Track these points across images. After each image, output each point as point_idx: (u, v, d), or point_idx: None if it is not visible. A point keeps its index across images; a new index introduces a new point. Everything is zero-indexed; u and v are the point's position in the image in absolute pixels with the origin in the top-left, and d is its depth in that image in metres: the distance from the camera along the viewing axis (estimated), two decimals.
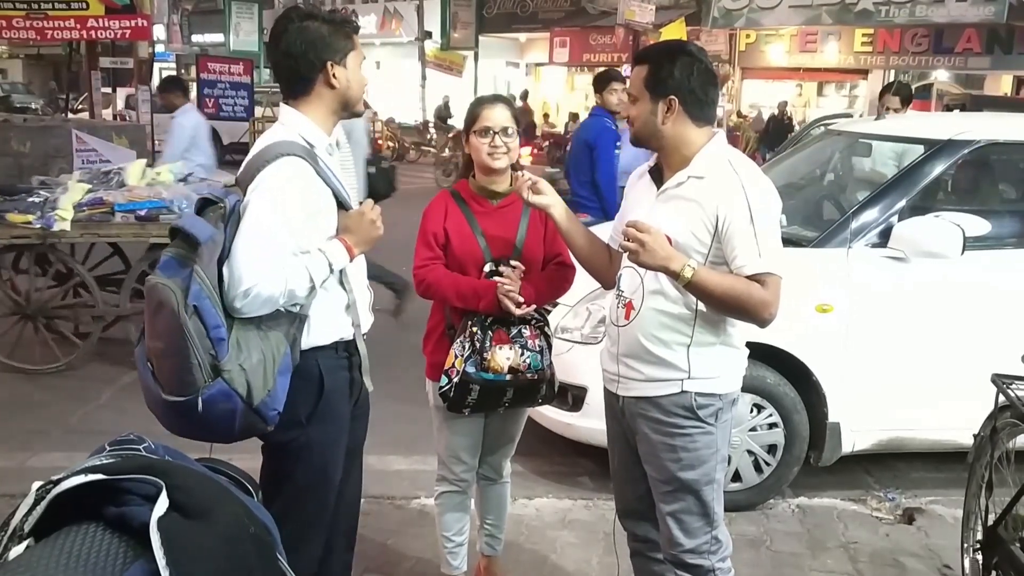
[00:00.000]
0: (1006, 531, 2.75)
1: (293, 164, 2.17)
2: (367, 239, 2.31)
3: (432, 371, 2.85)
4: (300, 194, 2.18)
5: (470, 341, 2.71)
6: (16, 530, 1.15)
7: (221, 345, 2.02)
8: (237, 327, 2.08)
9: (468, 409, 2.76)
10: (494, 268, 2.76)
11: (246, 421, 2.09)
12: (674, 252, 2.18)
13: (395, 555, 3.46)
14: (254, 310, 2.09)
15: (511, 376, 2.71)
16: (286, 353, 2.15)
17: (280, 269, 2.11)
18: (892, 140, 4.71)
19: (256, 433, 2.21)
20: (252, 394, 2.05)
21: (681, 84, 2.26)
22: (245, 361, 2.05)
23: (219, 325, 2.02)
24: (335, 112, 2.35)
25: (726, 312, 2.26)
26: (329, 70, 2.26)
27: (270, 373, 2.09)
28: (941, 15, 15.95)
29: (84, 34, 12.92)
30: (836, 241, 3.87)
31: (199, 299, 2.00)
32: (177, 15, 30.40)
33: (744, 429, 3.84)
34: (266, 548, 1.32)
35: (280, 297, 2.11)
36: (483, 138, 2.71)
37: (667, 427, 2.33)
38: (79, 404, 5.01)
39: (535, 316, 2.79)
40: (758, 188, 2.24)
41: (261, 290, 2.07)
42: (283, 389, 2.14)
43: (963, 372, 3.62)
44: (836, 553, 3.58)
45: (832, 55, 19.51)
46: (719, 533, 2.41)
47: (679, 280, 2.18)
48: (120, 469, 1.20)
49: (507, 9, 24.99)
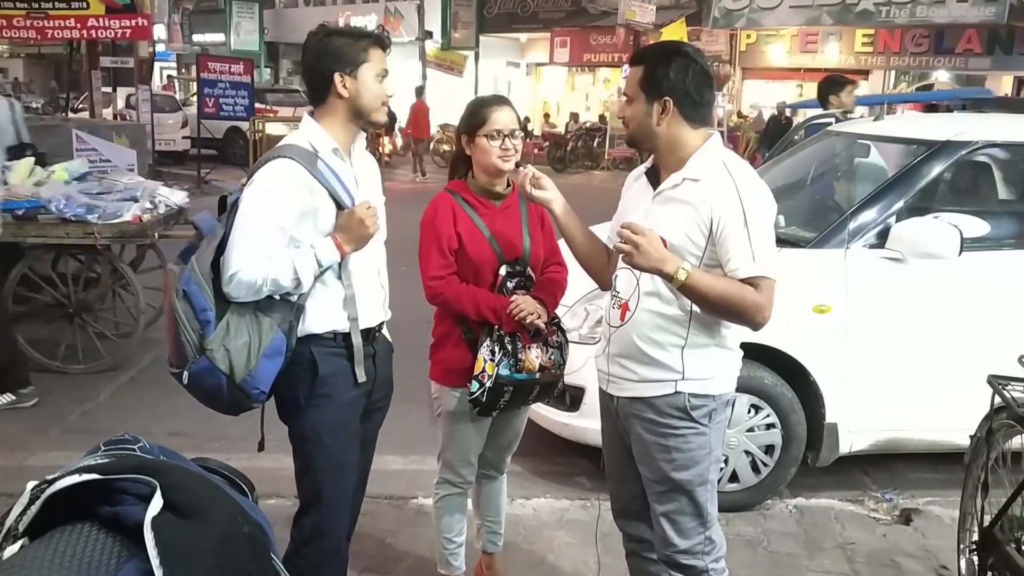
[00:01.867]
0: (1002, 532, 2.76)
1: (285, 165, 2.33)
2: (356, 237, 2.38)
3: (450, 377, 2.83)
4: (289, 192, 2.32)
5: (499, 344, 2.72)
6: (10, 530, 1.15)
7: (207, 327, 2.26)
8: (233, 311, 2.29)
9: (497, 411, 2.79)
10: (510, 270, 2.78)
11: (233, 396, 2.30)
12: (668, 254, 2.18)
13: (393, 554, 3.47)
14: (240, 295, 2.28)
15: (541, 374, 2.78)
16: (275, 338, 2.30)
17: (263, 258, 2.27)
18: (890, 141, 4.71)
19: (246, 408, 2.39)
20: (234, 372, 2.26)
21: (676, 85, 2.26)
22: (230, 342, 2.26)
23: (205, 308, 2.26)
24: (350, 120, 2.46)
25: (719, 315, 2.26)
26: (338, 81, 2.38)
27: (254, 355, 2.27)
28: (942, 16, 15.94)
29: (85, 33, 12.93)
30: (834, 242, 3.87)
31: (188, 284, 2.27)
32: (178, 14, 30.45)
33: (742, 430, 3.84)
34: (260, 548, 1.33)
35: (263, 284, 2.27)
36: (494, 141, 2.71)
37: (661, 428, 2.33)
38: (77, 404, 5.01)
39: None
40: (753, 191, 2.24)
41: (243, 276, 2.26)
42: (267, 371, 2.30)
43: (960, 373, 3.62)
44: (833, 553, 3.58)
45: (833, 55, 19.49)
46: (713, 534, 2.41)
47: (673, 283, 2.18)
48: (114, 469, 1.21)
49: (508, 9, 24.97)
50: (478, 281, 2.77)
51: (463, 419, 2.84)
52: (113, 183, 5.81)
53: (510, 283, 2.78)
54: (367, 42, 2.40)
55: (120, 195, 5.53)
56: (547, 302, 2.79)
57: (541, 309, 2.74)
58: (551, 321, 2.84)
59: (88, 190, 5.53)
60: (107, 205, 5.32)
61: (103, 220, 5.23)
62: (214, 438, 4.17)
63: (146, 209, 5.46)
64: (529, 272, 2.84)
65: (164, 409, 4.84)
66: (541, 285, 2.84)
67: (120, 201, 5.43)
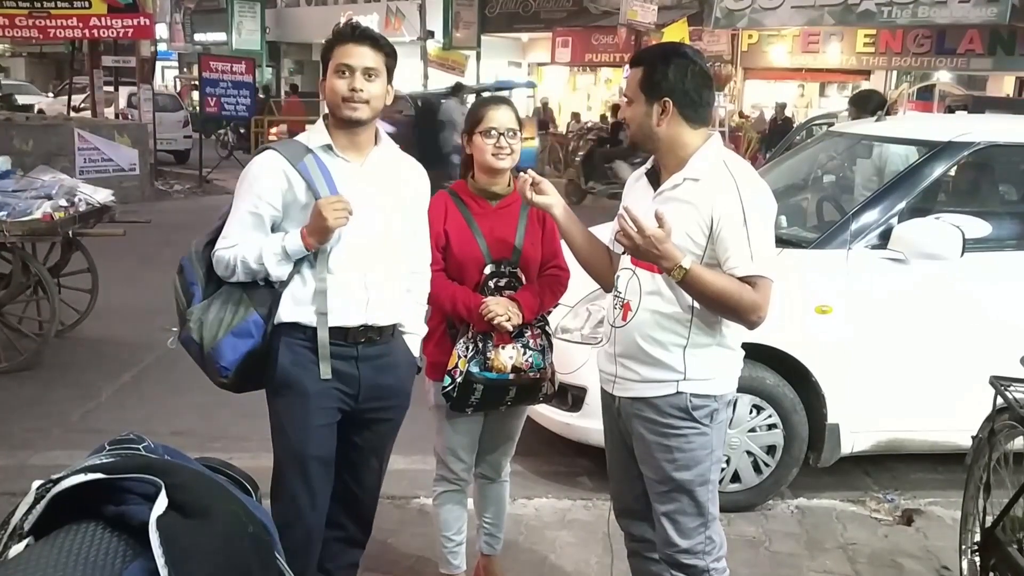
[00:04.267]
0: (1004, 533, 2.76)
1: (266, 155, 2.48)
2: (316, 228, 2.37)
3: (433, 371, 2.86)
4: (261, 180, 2.44)
5: (473, 341, 2.73)
6: (16, 529, 1.16)
7: (193, 300, 2.47)
8: (224, 290, 2.47)
9: (471, 408, 2.79)
10: (495, 270, 2.78)
11: (206, 366, 2.48)
12: (673, 248, 2.17)
13: (395, 554, 3.47)
14: (220, 272, 2.46)
15: (514, 375, 2.75)
16: (247, 319, 2.43)
17: (235, 239, 2.43)
18: (893, 142, 4.71)
19: (220, 382, 2.52)
20: (203, 343, 2.43)
21: (675, 86, 2.26)
22: (206, 316, 2.44)
23: (193, 283, 2.48)
24: (334, 119, 2.48)
25: (717, 311, 2.27)
26: (320, 83, 2.51)
27: (222, 331, 2.42)
28: (943, 16, 15.92)
29: (87, 33, 12.95)
30: (836, 242, 3.87)
31: (185, 261, 2.52)
32: (179, 14, 30.40)
33: (743, 430, 3.84)
34: (264, 547, 1.33)
35: (235, 264, 2.41)
36: (488, 139, 2.72)
37: (662, 427, 2.34)
38: (79, 402, 5.01)
39: (536, 317, 2.82)
40: (752, 190, 2.24)
41: (220, 254, 2.44)
42: (230, 347, 2.43)
43: (962, 374, 3.63)
44: (835, 554, 3.58)
45: (834, 56, 19.47)
46: (714, 534, 2.42)
47: (674, 275, 2.18)
48: (120, 468, 1.21)
49: (509, 9, 24.95)
50: (463, 278, 2.79)
51: (448, 413, 2.85)
52: (32, 181, 5.82)
53: (492, 282, 2.78)
54: (333, 39, 2.46)
55: (35, 192, 5.53)
56: (526, 304, 2.75)
57: (514, 311, 2.72)
58: (536, 324, 2.82)
59: (3, 188, 5.53)
60: (17, 202, 5.33)
61: (12, 218, 5.22)
62: (216, 437, 4.18)
63: (60, 207, 5.44)
64: (518, 273, 2.83)
65: (166, 408, 4.85)
66: (531, 287, 2.82)
67: (33, 199, 5.42)
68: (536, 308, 2.80)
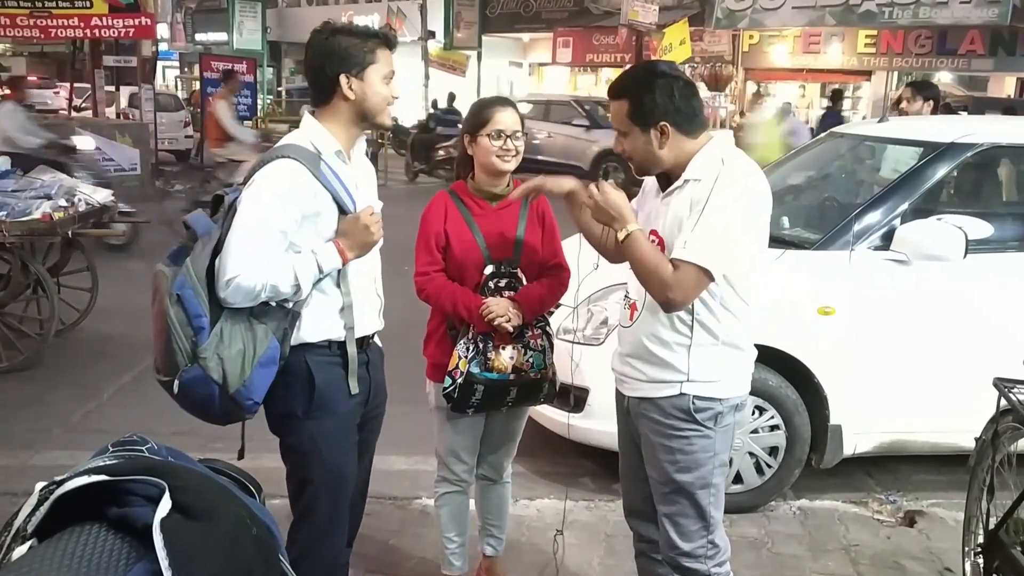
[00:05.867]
0: (1007, 535, 2.75)
1: (287, 166, 2.24)
2: (361, 244, 2.32)
3: (434, 372, 2.86)
4: (291, 194, 2.23)
5: (474, 342, 2.73)
6: (19, 530, 1.16)
7: (201, 333, 2.15)
8: (228, 317, 2.19)
9: (472, 409, 2.78)
10: (495, 270, 2.77)
11: (225, 406, 2.21)
12: (628, 213, 2.25)
13: (397, 555, 3.47)
14: (237, 301, 2.18)
15: (515, 376, 2.75)
16: (271, 347, 2.22)
17: (263, 263, 2.18)
18: (895, 143, 4.71)
19: (237, 419, 2.31)
20: (228, 382, 2.17)
21: (667, 108, 2.24)
22: (224, 350, 2.16)
23: (200, 315, 2.15)
24: (354, 123, 2.38)
25: (642, 281, 2.28)
26: (344, 82, 2.30)
27: (248, 364, 2.18)
28: (944, 17, 15.94)
29: (88, 32, 12.95)
30: (839, 243, 3.86)
31: (182, 288, 2.15)
32: (181, 13, 30.40)
33: (746, 431, 3.84)
34: (268, 549, 1.33)
35: (261, 290, 2.18)
36: (496, 141, 2.71)
37: (665, 428, 2.34)
38: (80, 402, 5.02)
39: (536, 317, 2.82)
40: (730, 184, 2.19)
41: (242, 281, 2.15)
42: (262, 380, 2.22)
43: (965, 375, 3.62)
44: (837, 555, 3.58)
45: (835, 56, 19.49)
46: (716, 538, 2.41)
47: (620, 236, 2.25)
48: (123, 470, 1.21)
49: (510, 9, 24.98)
50: (463, 279, 2.78)
51: (449, 414, 2.85)
52: (31, 181, 5.81)
53: (493, 283, 2.77)
54: (375, 42, 2.32)
55: (34, 193, 5.53)
56: (526, 305, 2.75)
57: (514, 312, 2.72)
58: (536, 324, 2.82)
59: (3, 188, 5.54)
60: (16, 203, 5.33)
61: (11, 218, 5.23)
62: (218, 438, 4.15)
63: (59, 207, 5.45)
64: (519, 273, 2.82)
65: (168, 408, 4.79)
66: (531, 287, 2.82)
67: (32, 199, 5.42)
68: (536, 308, 2.80)
